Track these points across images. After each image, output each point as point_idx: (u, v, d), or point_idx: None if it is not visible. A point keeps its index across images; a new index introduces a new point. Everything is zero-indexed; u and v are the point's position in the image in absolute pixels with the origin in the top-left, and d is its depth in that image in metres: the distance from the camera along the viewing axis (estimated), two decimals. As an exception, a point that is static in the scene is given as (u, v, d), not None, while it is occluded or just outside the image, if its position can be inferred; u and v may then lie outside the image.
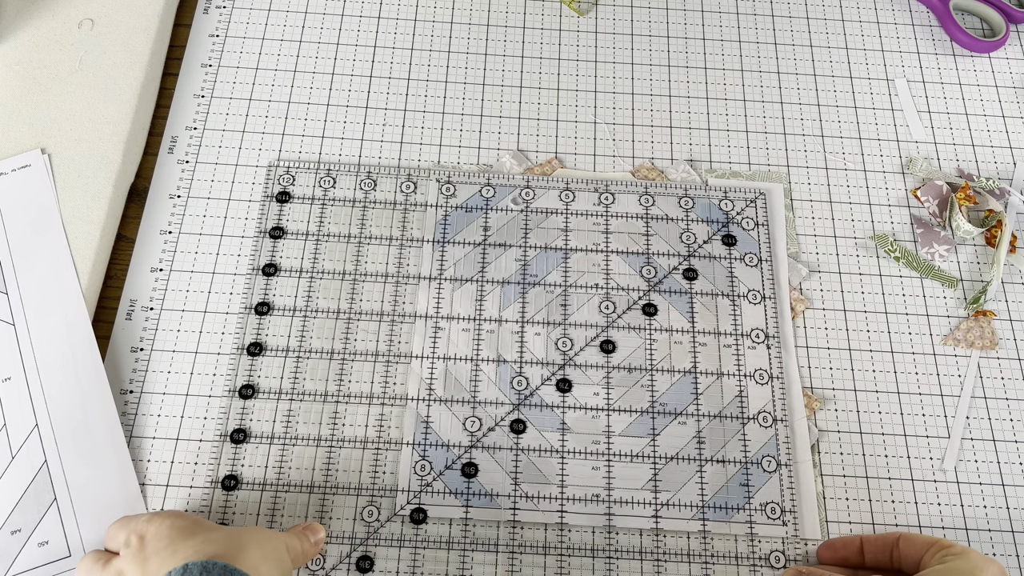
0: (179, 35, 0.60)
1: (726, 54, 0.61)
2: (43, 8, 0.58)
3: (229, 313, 0.51)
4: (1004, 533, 0.47)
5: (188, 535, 0.38)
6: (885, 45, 0.62)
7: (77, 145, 0.53)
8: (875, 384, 0.50)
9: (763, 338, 0.51)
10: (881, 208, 0.56)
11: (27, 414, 0.46)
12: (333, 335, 0.50)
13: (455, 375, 0.50)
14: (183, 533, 0.39)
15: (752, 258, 0.53)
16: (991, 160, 0.58)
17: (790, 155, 0.57)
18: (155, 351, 0.49)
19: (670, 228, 0.54)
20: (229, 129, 0.56)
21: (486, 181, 0.55)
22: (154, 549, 0.38)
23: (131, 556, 0.38)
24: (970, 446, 0.49)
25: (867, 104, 0.60)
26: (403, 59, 0.60)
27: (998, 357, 0.52)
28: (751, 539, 0.46)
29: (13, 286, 0.50)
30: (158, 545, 0.38)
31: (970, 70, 0.61)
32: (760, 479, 0.47)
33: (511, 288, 0.52)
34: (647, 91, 0.59)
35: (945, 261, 0.54)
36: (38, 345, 0.48)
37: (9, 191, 0.52)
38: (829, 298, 0.53)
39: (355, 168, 0.55)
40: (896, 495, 0.48)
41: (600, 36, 0.61)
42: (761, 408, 0.49)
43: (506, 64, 0.60)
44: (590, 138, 0.57)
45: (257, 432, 0.48)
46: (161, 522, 0.39)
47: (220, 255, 0.52)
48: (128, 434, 0.47)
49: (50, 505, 0.45)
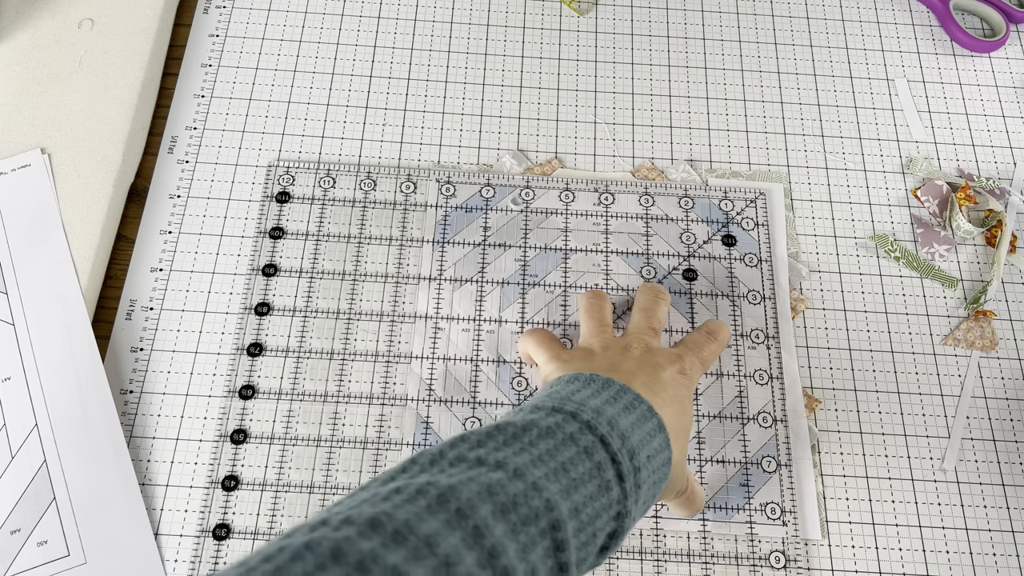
0: (179, 35, 0.60)
1: (726, 54, 0.61)
2: (43, 8, 0.58)
3: (229, 313, 0.51)
4: (1004, 533, 0.47)
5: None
6: (885, 45, 0.62)
7: (77, 145, 0.53)
8: (875, 384, 0.50)
9: (763, 338, 0.51)
10: (881, 208, 0.56)
11: (27, 414, 0.46)
12: (333, 335, 0.50)
13: (455, 375, 0.50)
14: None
15: (752, 258, 0.53)
16: (991, 160, 0.58)
17: (790, 155, 0.57)
18: (155, 351, 0.49)
19: (670, 228, 0.54)
20: (229, 129, 0.56)
21: (486, 181, 0.55)
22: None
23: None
24: (970, 446, 0.49)
25: (867, 104, 0.60)
26: (403, 59, 0.60)
27: (998, 357, 0.52)
28: (751, 539, 0.46)
29: (13, 286, 0.50)
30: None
31: (970, 70, 0.61)
32: (760, 479, 0.47)
33: (511, 288, 0.52)
34: (647, 91, 0.59)
35: (945, 261, 0.54)
36: (38, 345, 0.48)
37: (9, 191, 0.52)
38: (829, 298, 0.53)
39: (355, 168, 0.55)
40: (896, 495, 0.48)
41: (600, 36, 0.61)
42: (761, 408, 0.49)
43: (506, 64, 0.60)
44: (590, 138, 0.57)
45: (257, 432, 0.48)
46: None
47: (220, 255, 0.52)
48: (128, 434, 0.47)
49: (49, 505, 0.45)
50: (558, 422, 0.35)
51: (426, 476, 0.31)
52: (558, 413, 0.36)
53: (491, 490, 0.30)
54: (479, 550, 0.28)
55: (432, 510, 0.28)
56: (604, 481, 0.34)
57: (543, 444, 0.34)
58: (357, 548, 0.26)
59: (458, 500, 0.29)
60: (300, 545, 0.26)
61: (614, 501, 0.35)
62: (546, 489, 0.31)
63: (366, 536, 0.26)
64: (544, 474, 0.32)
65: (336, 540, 0.26)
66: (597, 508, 0.34)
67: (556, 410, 0.36)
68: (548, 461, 0.33)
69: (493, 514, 0.29)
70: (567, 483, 0.33)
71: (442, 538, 0.27)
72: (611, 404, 0.38)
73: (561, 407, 0.37)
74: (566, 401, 0.37)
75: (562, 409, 0.36)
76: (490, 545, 0.28)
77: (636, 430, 0.37)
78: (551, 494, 0.31)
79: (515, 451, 0.33)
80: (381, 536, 0.27)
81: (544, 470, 0.32)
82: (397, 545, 0.26)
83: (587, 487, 0.33)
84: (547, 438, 0.34)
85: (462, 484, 0.30)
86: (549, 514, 0.31)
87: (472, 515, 0.29)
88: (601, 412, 0.37)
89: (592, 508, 0.33)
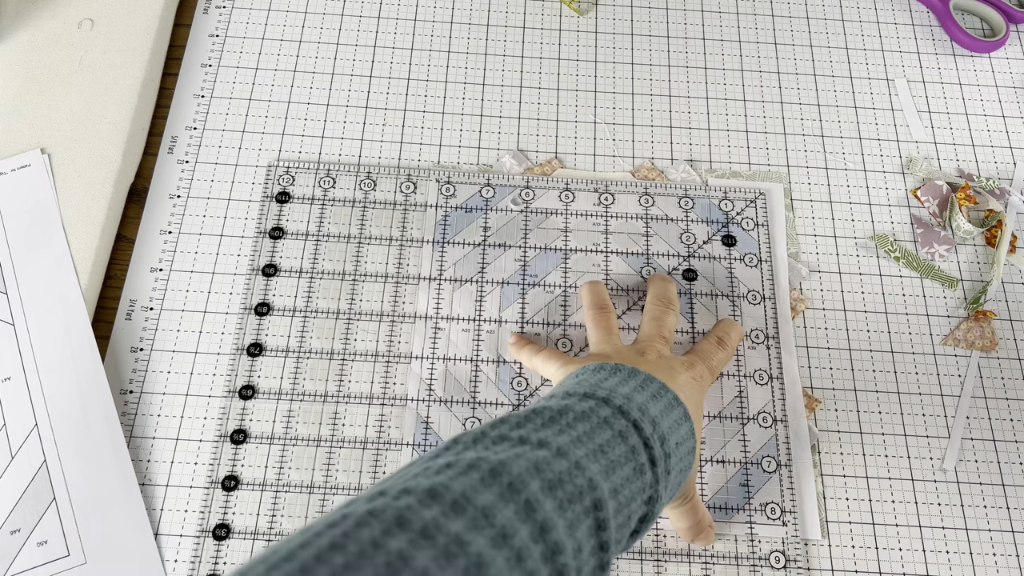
0: (179, 35, 0.60)
1: (726, 54, 0.61)
2: (43, 8, 0.58)
3: (229, 313, 0.51)
4: (1004, 533, 0.47)
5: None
6: (885, 45, 0.62)
7: (77, 145, 0.53)
8: (875, 384, 0.50)
9: (763, 338, 0.51)
10: (881, 208, 0.56)
11: (27, 414, 0.46)
12: (333, 335, 0.50)
13: (455, 376, 0.49)
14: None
15: (752, 258, 0.53)
16: (991, 160, 0.58)
17: (790, 155, 0.57)
18: (155, 351, 0.49)
19: (670, 228, 0.54)
20: (229, 129, 0.56)
21: (486, 181, 0.55)
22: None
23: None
24: (970, 446, 0.49)
25: (867, 104, 0.60)
26: (403, 59, 0.60)
27: (998, 357, 0.52)
28: (751, 539, 0.46)
29: (13, 286, 0.50)
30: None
31: (970, 70, 0.61)
32: (760, 479, 0.47)
33: (511, 288, 0.52)
34: (647, 91, 0.59)
35: (945, 261, 0.54)
36: (38, 345, 0.48)
37: (9, 191, 0.52)
38: (829, 298, 0.53)
39: (355, 168, 0.55)
40: (896, 495, 0.48)
41: (600, 36, 0.61)
42: (761, 408, 0.49)
43: (506, 64, 0.60)
44: (590, 138, 0.57)
45: (257, 432, 0.48)
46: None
47: (220, 255, 0.52)
48: (128, 434, 0.47)
49: (49, 505, 0.45)
50: (592, 407, 0.36)
51: (473, 453, 0.31)
52: (590, 399, 0.37)
53: (538, 467, 0.31)
54: (531, 523, 0.29)
55: (486, 483, 0.29)
56: (639, 464, 0.35)
57: (580, 427, 0.34)
58: (420, 516, 0.27)
59: (509, 475, 0.30)
60: (364, 512, 0.27)
61: (647, 485, 0.35)
62: (588, 468, 0.32)
63: (426, 505, 0.27)
64: (584, 454, 0.33)
65: (399, 508, 0.27)
66: (633, 491, 0.34)
67: (588, 396, 0.37)
68: (586, 442, 0.34)
69: (542, 490, 0.30)
70: (606, 464, 0.33)
71: (497, 510, 0.28)
72: (639, 391, 0.38)
73: (593, 393, 0.37)
74: (597, 388, 0.38)
75: (594, 395, 0.37)
76: (541, 519, 0.29)
77: (665, 417, 0.38)
78: (593, 473, 0.32)
79: (555, 432, 0.34)
80: (441, 505, 0.27)
81: (584, 451, 0.33)
82: (456, 514, 0.27)
83: (624, 469, 0.34)
84: (583, 421, 0.35)
85: (511, 460, 0.31)
86: (592, 493, 0.32)
87: (523, 489, 0.29)
88: (631, 399, 0.37)
89: (628, 490, 0.34)
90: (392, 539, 0.25)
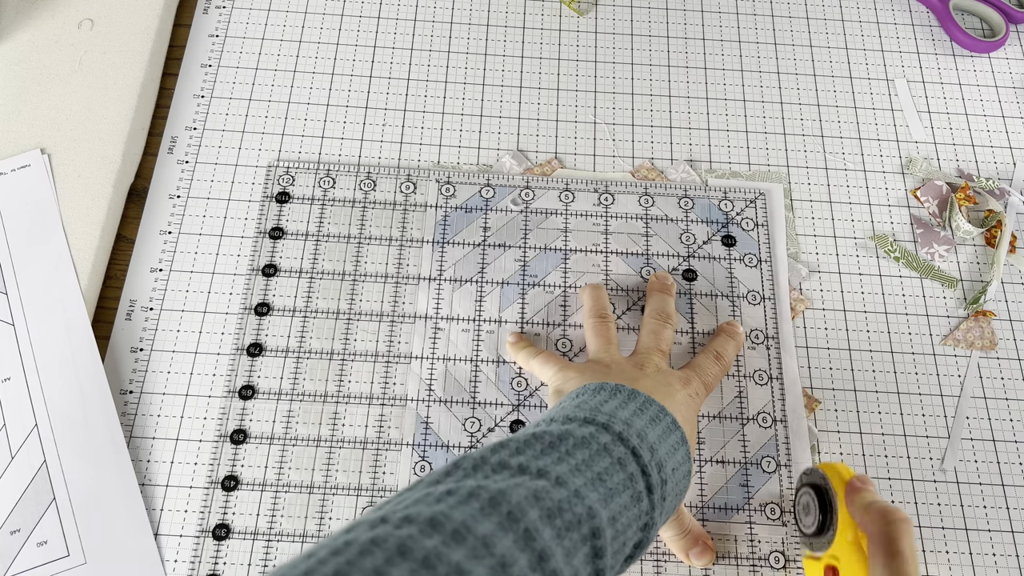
0: (179, 35, 0.60)
1: (726, 54, 0.61)
2: (43, 8, 0.58)
3: (229, 313, 0.51)
4: (1004, 533, 0.47)
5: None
6: (885, 45, 0.62)
7: (77, 145, 0.53)
8: (875, 384, 0.50)
9: (763, 339, 0.51)
10: (881, 208, 0.56)
11: (27, 414, 0.46)
12: (333, 335, 0.50)
13: (455, 376, 0.50)
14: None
15: (752, 259, 0.53)
16: (991, 160, 0.58)
17: (790, 155, 0.57)
18: (155, 351, 0.49)
19: (670, 229, 0.54)
20: (229, 129, 0.56)
21: (486, 181, 0.55)
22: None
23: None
24: (970, 446, 0.49)
25: (867, 104, 0.60)
26: (403, 59, 0.60)
27: (998, 357, 0.52)
28: (751, 539, 0.46)
29: (13, 286, 0.50)
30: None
31: (970, 70, 0.61)
32: (760, 480, 0.47)
33: (511, 289, 0.52)
34: (647, 91, 0.59)
35: (945, 261, 0.54)
36: (38, 345, 0.48)
37: (9, 191, 0.52)
38: (829, 298, 0.53)
39: (355, 168, 0.55)
40: (896, 495, 0.48)
41: (600, 36, 0.61)
42: (761, 409, 0.49)
43: (506, 64, 0.60)
44: (590, 138, 0.57)
45: (257, 432, 0.48)
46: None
47: (220, 255, 0.52)
48: (128, 434, 0.47)
49: (49, 505, 0.45)
50: (592, 433, 0.36)
51: (473, 480, 0.32)
52: (591, 424, 0.37)
53: (537, 495, 0.31)
54: (530, 552, 0.29)
55: (485, 512, 0.29)
56: (636, 492, 0.35)
57: (579, 454, 0.35)
58: (421, 545, 0.27)
59: (508, 504, 0.30)
60: (367, 540, 0.27)
61: (643, 512, 0.36)
62: (587, 497, 0.33)
63: (427, 535, 0.27)
64: (583, 483, 0.33)
65: (400, 537, 0.27)
66: (629, 518, 0.35)
67: (588, 421, 0.37)
68: (585, 471, 0.34)
69: (540, 519, 0.30)
70: (604, 492, 0.34)
71: (497, 539, 0.28)
72: (638, 416, 0.39)
73: (593, 418, 0.37)
74: (596, 412, 0.38)
75: (594, 420, 0.37)
76: (540, 548, 0.29)
77: (662, 443, 0.38)
78: (592, 502, 0.33)
79: (554, 460, 0.34)
80: (441, 535, 0.28)
81: (583, 479, 0.33)
82: (457, 544, 0.27)
83: (621, 497, 0.34)
84: (583, 448, 0.35)
85: (510, 488, 0.31)
86: (591, 521, 0.32)
87: (522, 519, 0.30)
88: (630, 424, 0.38)
89: (625, 517, 0.34)
90: (395, 568, 0.26)
